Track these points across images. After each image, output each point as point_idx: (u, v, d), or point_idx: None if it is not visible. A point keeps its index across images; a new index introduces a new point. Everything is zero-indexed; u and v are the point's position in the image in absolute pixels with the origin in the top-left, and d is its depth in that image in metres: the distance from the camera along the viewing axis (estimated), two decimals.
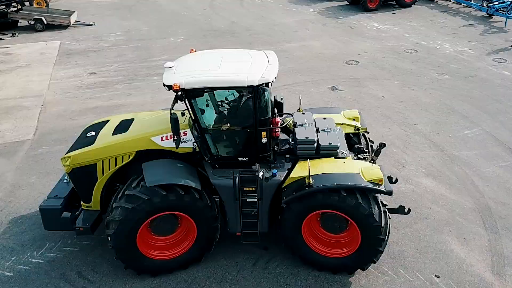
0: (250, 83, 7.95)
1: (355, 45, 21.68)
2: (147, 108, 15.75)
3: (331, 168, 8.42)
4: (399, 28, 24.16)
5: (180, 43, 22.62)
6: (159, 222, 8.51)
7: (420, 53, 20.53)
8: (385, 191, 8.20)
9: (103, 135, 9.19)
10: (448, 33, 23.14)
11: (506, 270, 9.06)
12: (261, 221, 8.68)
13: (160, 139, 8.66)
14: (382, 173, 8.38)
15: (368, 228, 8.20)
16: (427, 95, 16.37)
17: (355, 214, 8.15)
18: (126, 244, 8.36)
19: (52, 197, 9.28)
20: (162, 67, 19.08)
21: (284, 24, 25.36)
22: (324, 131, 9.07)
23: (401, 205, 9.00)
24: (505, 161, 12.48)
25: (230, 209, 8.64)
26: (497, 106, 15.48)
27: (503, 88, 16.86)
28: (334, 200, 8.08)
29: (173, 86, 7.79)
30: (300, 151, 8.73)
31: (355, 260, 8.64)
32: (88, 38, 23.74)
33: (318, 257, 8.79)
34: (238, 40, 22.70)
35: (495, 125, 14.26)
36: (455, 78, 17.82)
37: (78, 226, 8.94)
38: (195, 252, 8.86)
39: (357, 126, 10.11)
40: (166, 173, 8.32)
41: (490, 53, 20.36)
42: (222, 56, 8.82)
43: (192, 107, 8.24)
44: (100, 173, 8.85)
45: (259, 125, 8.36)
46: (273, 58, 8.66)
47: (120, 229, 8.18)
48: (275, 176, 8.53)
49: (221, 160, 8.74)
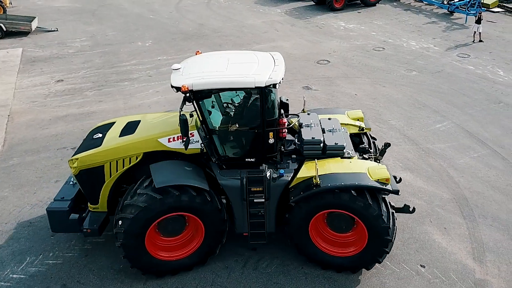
0: (258, 84, 7.98)
1: (325, 44, 22.01)
2: (120, 114, 15.43)
3: (338, 168, 8.49)
4: (365, 27, 24.70)
5: (149, 47, 22.31)
6: (167, 223, 8.49)
7: (388, 50, 21.07)
8: (392, 190, 8.30)
9: (110, 137, 9.18)
10: (413, 31, 23.87)
11: (486, 256, 9.41)
12: (268, 221, 8.72)
13: (168, 141, 8.73)
14: (388, 172, 8.48)
15: (376, 229, 8.27)
16: (398, 91, 16.80)
17: (364, 214, 8.20)
18: (134, 243, 8.28)
19: (58, 199, 9.22)
20: (132, 72, 19.14)
21: (253, 25, 25.44)
22: (330, 132, 9.14)
23: (406, 204, 9.11)
24: (476, 152, 12.97)
25: (238, 209, 8.65)
26: (464, 100, 16.08)
27: (468, 82, 17.53)
28: (344, 200, 8.14)
29: (181, 87, 7.82)
30: (306, 151, 8.81)
31: (360, 259, 8.70)
32: (52, 44, 23.02)
33: (324, 256, 8.84)
34: (208, 43, 22.59)
35: (464, 118, 14.81)
36: (423, 74, 18.39)
37: (86, 228, 8.93)
38: (201, 254, 8.86)
39: (361, 126, 10.23)
40: (174, 174, 8.34)
41: (454, 48, 21.14)
42: (228, 57, 8.87)
43: (200, 109, 8.28)
44: (108, 174, 8.86)
45: (266, 125, 8.38)
46: (280, 60, 8.74)
47: (131, 227, 8.12)
48: (282, 176, 8.57)
49: (228, 160, 8.76)
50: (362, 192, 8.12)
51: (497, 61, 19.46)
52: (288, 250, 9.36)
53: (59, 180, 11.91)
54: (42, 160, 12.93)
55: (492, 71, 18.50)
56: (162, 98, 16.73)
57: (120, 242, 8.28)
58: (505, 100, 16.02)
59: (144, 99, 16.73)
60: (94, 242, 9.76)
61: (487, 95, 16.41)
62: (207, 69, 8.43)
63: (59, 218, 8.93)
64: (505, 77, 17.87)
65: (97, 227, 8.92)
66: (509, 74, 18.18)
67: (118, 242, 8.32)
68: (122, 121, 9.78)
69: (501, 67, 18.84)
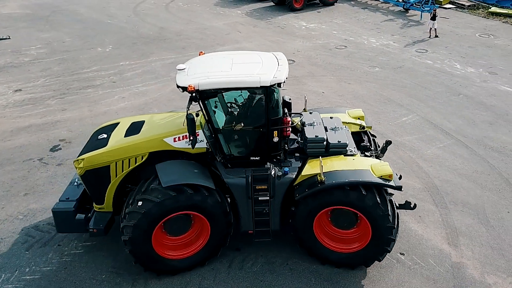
0: (263, 84, 8.10)
1: (288, 44, 22.27)
2: (86, 122, 15.05)
3: (342, 165, 8.64)
4: (326, 26, 25.20)
5: (110, 52, 21.80)
6: (174, 221, 8.57)
7: (350, 48, 21.58)
8: (395, 186, 8.49)
9: (115, 137, 9.25)
10: (372, 28, 24.57)
11: (460, 240, 9.85)
12: (273, 219, 8.82)
13: (173, 140, 8.85)
14: (391, 169, 8.67)
15: (381, 228, 8.42)
16: (363, 88, 17.25)
17: (371, 213, 8.33)
18: (142, 238, 8.31)
19: (64, 200, 9.25)
20: (94, 79, 18.71)
21: (215, 27, 25.38)
22: (332, 130, 9.31)
23: (407, 201, 9.31)
24: (442, 142, 13.53)
25: (243, 207, 8.76)
26: (426, 93, 16.73)
27: (428, 76, 18.26)
28: (352, 198, 8.26)
29: (188, 87, 7.94)
30: (310, 150, 8.95)
31: (361, 256, 8.84)
32: (5, 52, 22.02)
33: (325, 251, 8.95)
34: (171, 46, 22.36)
35: (427, 110, 15.41)
36: (385, 69, 18.98)
37: (92, 227, 8.98)
38: (205, 254, 8.96)
39: (362, 124, 10.43)
40: (180, 174, 8.44)
41: (412, 44, 21.93)
42: (232, 58, 9.00)
43: (206, 108, 8.37)
44: (114, 174, 8.93)
45: (271, 124, 8.52)
46: (283, 59, 8.86)
47: (142, 221, 8.18)
48: (287, 174, 8.70)
49: (233, 159, 8.86)
50: (371, 190, 8.27)
51: (453, 55, 20.38)
52: (272, 248, 9.45)
53: (28, 193, 11.46)
54: (8, 174, 12.37)
55: (450, 64, 19.36)
56: (129, 104, 16.41)
57: (128, 236, 8.27)
58: (464, 91, 16.80)
59: (111, 106, 16.33)
60: (72, 253, 9.47)
61: (447, 87, 17.15)
62: (212, 69, 8.55)
63: (65, 219, 8.98)
64: (462, 70, 18.75)
65: (103, 226, 8.96)
66: (465, 67, 19.09)
67: (125, 236, 8.31)
68: (126, 121, 9.90)
69: (457, 61, 19.74)
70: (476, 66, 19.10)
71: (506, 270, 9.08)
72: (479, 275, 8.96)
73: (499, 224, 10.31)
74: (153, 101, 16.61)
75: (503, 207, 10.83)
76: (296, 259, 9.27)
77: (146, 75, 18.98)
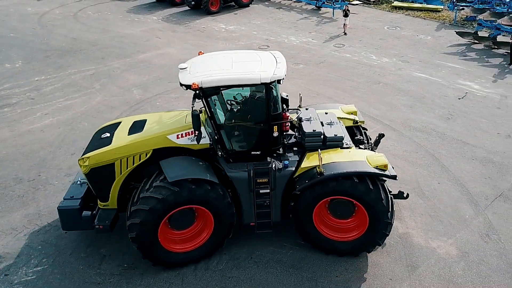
0: (263, 80, 8.38)
1: (211, 47, 22.33)
2: (9, 143, 13.93)
3: (339, 158, 8.99)
4: (245, 27, 25.68)
5: (21, 68, 20.31)
6: (178, 216, 8.76)
7: (272, 47, 22.19)
8: (390, 175, 8.90)
9: (119, 136, 9.46)
10: (290, 27, 25.50)
11: (403, 213, 10.72)
12: (274, 210, 9.08)
13: (176, 137, 9.10)
14: (386, 159, 9.05)
15: (377, 212, 8.78)
16: (292, 84, 17.82)
17: (365, 199, 8.69)
18: (149, 234, 8.48)
19: (68, 198, 9.38)
20: (9, 97, 17.48)
21: (132, 34, 24.72)
22: (328, 124, 9.67)
23: (400, 191, 9.77)
24: (371, 128, 14.39)
25: (245, 200, 9.06)
26: (350, 84, 17.80)
27: (349, 68, 19.44)
28: (346, 187, 8.59)
29: (191, 85, 8.19)
30: (308, 143, 9.28)
31: (362, 243, 9.19)
32: None
33: (326, 240, 9.24)
34: (88, 57, 21.39)
35: (354, 100, 16.38)
36: (309, 65, 19.85)
37: (98, 224, 9.12)
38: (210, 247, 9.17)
39: (355, 119, 10.91)
40: (185, 169, 8.67)
41: (330, 40, 23.16)
42: (232, 57, 9.31)
43: (209, 105, 8.62)
44: (118, 171, 9.12)
45: (271, 119, 8.80)
46: (281, 57, 9.20)
47: (147, 218, 8.34)
48: (287, 167, 8.95)
49: (235, 154, 9.12)
50: (363, 178, 8.64)
51: (368, 48, 21.87)
52: (234, 244, 9.54)
53: None
54: None
55: (366, 56, 20.77)
56: (55, 120, 15.45)
57: (135, 233, 8.43)
58: (383, 80, 18.14)
59: (34, 124, 15.26)
60: (23, 281, 8.75)
61: (367, 77, 18.39)
62: (214, 68, 8.82)
63: (70, 216, 9.12)
64: (378, 61, 20.20)
65: (109, 223, 9.11)
66: (380, 57, 20.60)
67: (132, 233, 8.46)
68: (128, 120, 10.18)
69: (372, 52, 21.24)
70: (390, 56, 20.70)
71: (445, 233, 10.05)
72: (424, 241, 9.82)
73: (432, 194, 11.34)
74: (80, 115, 15.81)
75: (434, 179, 11.92)
76: (259, 252, 9.46)
77: (67, 89, 17.99)
